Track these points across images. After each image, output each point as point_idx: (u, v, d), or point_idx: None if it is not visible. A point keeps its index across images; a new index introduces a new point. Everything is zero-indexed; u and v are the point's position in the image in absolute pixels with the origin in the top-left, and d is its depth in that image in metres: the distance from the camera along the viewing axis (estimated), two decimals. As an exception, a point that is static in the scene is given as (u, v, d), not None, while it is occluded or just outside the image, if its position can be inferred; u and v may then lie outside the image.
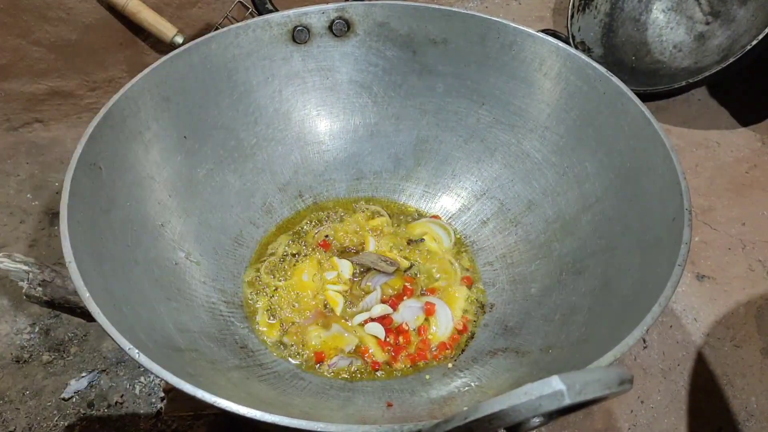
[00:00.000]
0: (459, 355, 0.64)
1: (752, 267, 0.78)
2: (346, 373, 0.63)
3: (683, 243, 0.50)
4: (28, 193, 0.98)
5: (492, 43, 0.74)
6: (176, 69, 0.68)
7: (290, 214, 0.79)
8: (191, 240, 0.68)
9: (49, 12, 0.93)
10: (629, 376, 0.34)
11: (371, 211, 0.79)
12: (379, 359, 0.64)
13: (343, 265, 0.71)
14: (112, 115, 0.61)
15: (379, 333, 0.65)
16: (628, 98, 0.63)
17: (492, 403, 0.32)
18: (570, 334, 0.57)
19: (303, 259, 0.73)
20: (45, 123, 1.06)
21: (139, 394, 0.80)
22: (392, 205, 0.81)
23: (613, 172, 0.64)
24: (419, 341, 0.66)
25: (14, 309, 0.85)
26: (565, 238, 0.67)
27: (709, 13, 1.04)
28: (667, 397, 0.71)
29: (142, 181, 0.64)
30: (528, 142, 0.74)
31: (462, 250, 0.75)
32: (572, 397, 0.31)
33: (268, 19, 0.74)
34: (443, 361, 0.64)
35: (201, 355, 0.55)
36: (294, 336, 0.66)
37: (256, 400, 0.53)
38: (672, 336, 0.74)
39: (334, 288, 0.69)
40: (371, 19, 0.77)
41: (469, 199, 0.78)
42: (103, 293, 0.49)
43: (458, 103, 0.78)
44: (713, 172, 0.90)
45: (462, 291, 0.70)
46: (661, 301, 0.47)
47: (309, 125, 0.81)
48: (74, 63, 1.00)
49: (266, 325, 0.67)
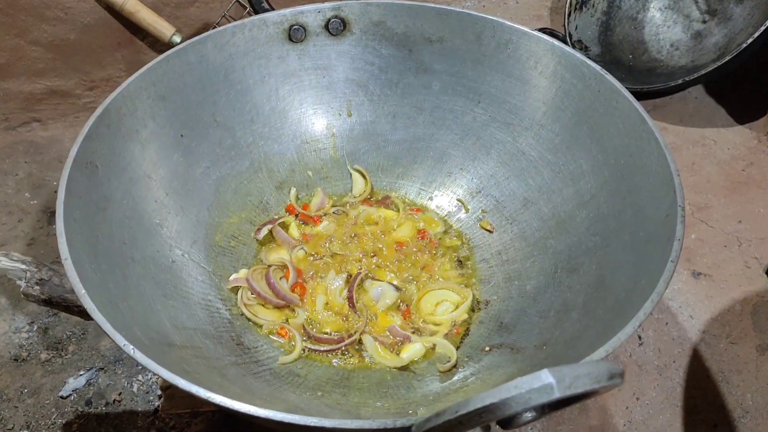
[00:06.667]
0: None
1: (748, 264, 0.78)
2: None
3: (676, 239, 0.50)
4: (27, 192, 0.98)
5: (487, 41, 0.74)
6: (173, 68, 0.69)
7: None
8: (188, 238, 0.68)
9: (47, 11, 0.94)
10: (619, 370, 0.34)
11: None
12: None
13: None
14: (109, 114, 0.62)
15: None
16: (623, 96, 0.64)
17: (482, 396, 0.32)
18: (564, 331, 0.57)
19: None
20: (43, 122, 1.06)
21: (137, 391, 0.80)
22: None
23: (608, 170, 0.64)
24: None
25: (12, 307, 0.86)
26: (560, 235, 0.67)
27: (706, 12, 1.04)
28: (662, 393, 0.72)
29: (138, 179, 0.65)
30: (523, 140, 0.74)
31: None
32: (562, 391, 0.31)
33: (264, 18, 0.74)
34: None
35: (197, 352, 0.56)
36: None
37: (251, 396, 0.53)
38: (668, 333, 0.74)
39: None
40: (367, 17, 0.77)
41: (465, 197, 0.78)
42: (99, 290, 0.49)
43: (454, 102, 0.78)
44: (710, 169, 0.91)
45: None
46: (653, 297, 0.47)
47: (305, 124, 0.81)
48: (72, 62, 1.00)
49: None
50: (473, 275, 0.72)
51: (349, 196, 0.81)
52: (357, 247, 0.74)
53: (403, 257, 0.73)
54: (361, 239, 0.75)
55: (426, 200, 0.80)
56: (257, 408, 0.40)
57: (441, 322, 0.67)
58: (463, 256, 0.74)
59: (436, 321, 0.67)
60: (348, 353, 0.65)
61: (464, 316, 0.67)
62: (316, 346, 0.65)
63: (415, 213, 0.78)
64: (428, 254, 0.74)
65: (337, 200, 0.81)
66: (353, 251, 0.74)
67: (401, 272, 0.72)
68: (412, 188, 0.81)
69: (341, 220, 0.77)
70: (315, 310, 0.68)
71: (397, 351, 0.64)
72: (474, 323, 0.67)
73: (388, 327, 0.66)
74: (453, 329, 0.67)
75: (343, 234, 0.75)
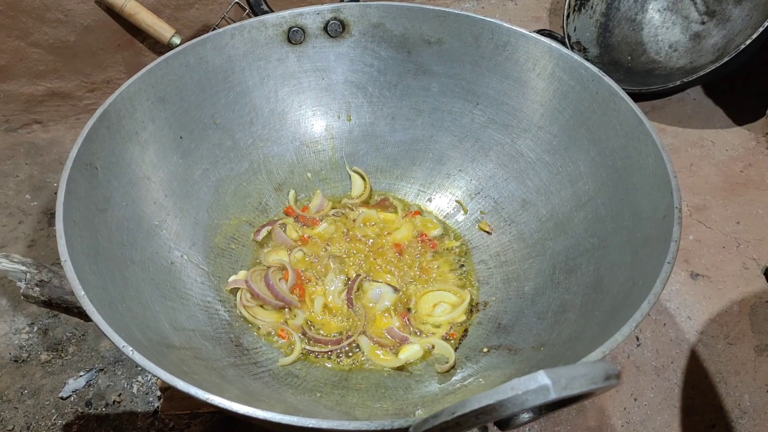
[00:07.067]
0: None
1: (746, 265, 0.78)
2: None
3: (673, 240, 0.50)
4: (27, 194, 0.99)
5: (486, 43, 0.74)
6: (172, 70, 0.69)
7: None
8: (187, 239, 0.68)
9: (48, 14, 0.94)
10: (615, 371, 0.34)
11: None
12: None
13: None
14: (109, 116, 0.62)
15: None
16: (620, 98, 0.64)
17: (479, 398, 0.32)
18: (562, 332, 0.57)
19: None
20: (44, 124, 1.06)
21: (137, 392, 0.80)
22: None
23: (606, 171, 0.65)
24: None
25: (13, 309, 0.86)
26: (558, 237, 0.67)
27: (705, 13, 1.04)
28: (660, 394, 0.72)
29: (138, 181, 0.65)
30: (522, 142, 0.74)
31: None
32: (558, 392, 0.31)
33: (263, 20, 0.75)
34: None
35: (196, 353, 0.56)
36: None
37: (250, 398, 0.53)
38: (666, 334, 0.74)
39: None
40: (366, 19, 0.77)
41: (463, 198, 0.79)
42: (98, 292, 0.49)
43: (453, 103, 0.79)
44: (708, 170, 0.91)
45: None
46: (650, 297, 0.47)
47: (304, 125, 0.81)
48: (73, 64, 1.01)
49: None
50: (472, 276, 0.72)
51: (348, 198, 0.81)
52: (356, 249, 0.74)
53: (401, 259, 0.74)
54: (360, 241, 0.75)
55: (425, 202, 0.81)
56: (255, 409, 0.41)
57: (439, 324, 0.67)
58: (461, 258, 0.74)
59: (435, 322, 0.67)
60: (347, 354, 0.65)
61: (462, 318, 0.68)
62: (315, 348, 0.65)
63: (414, 216, 0.79)
64: (427, 256, 0.74)
65: (336, 202, 0.81)
66: (352, 253, 0.74)
67: (400, 274, 0.72)
68: (411, 190, 0.81)
69: (340, 222, 0.78)
70: (314, 312, 0.68)
71: (395, 352, 0.65)
72: (472, 324, 0.67)
73: (387, 328, 0.66)
74: (451, 330, 0.67)
75: (342, 236, 0.76)
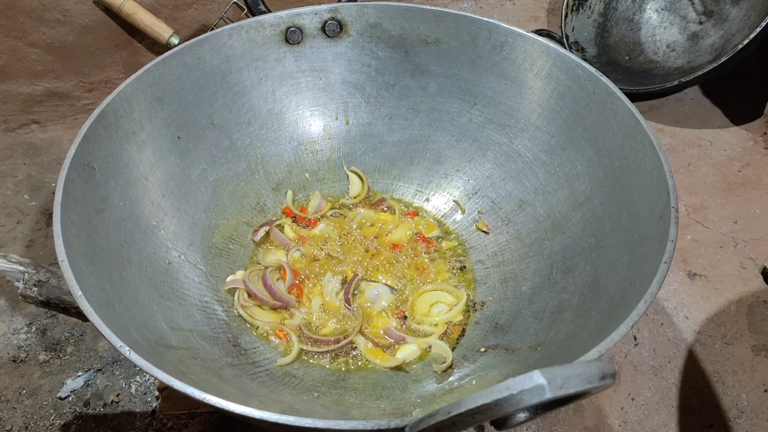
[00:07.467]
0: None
1: (744, 265, 0.78)
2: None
3: (669, 240, 0.51)
4: (26, 194, 0.99)
5: (483, 43, 0.74)
6: (170, 70, 0.69)
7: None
8: (184, 239, 0.68)
9: (46, 14, 0.94)
10: (611, 370, 0.34)
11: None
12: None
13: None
14: (106, 116, 0.62)
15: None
16: (617, 98, 0.64)
17: (475, 397, 0.32)
18: (559, 332, 0.57)
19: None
20: (42, 124, 1.06)
21: (135, 393, 0.80)
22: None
23: (603, 171, 0.65)
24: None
25: (11, 309, 0.86)
26: (555, 237, 0.68)
27: (703, 13, 1.04)
28: (657, 394, 0.72)
29: (135, 181, 0.65)
30: (519, 142, 0.74)
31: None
32: (553, 391, 0.31)
33: (261, 20, 0.75)
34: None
35: (193, 353, 0.56)
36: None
37: (247, 398, 0.53)
38: (663, 333, 0.74)
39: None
40: (364, 19, 0.77)
41: (461, 198, 0.79)
42: (95, 292, 0.49)
43: (450, 103, 0.79)
44: (705, 170, 0.91)
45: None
46: (647, 297, 0.47)
47: (302, 125, 0.81)
48: (71, 64, 1.00)
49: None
50: (469, 276, 0.72)
51: (346, 198, 0.81)
52: (353, 249, 0.74)
53: (399, 259, 0.74)
54: (358, 241, 0.75)
55: (422, 202, 0.81)
56: (252, 409, 0.41)
57: (436, 323, 0.67)
58: (458, 258, 0.74)
59: (432, 322, 0.67)
60: (344, 354, 0.65)
61: (459, 317, 0.68)
62: (312, 348, 0.65)
63: (412, 216, 0.79)
64: (424, 256, 0.74)
65: (334, 202, 0.81)
66: (349, 253, 0.74)
67: (397, 274, 0.72)
68: (409, 190, 0.81)
69: (338, 222, 0.78)
70: (311, 312, 0.68)
71: (393, 352, 0.65)
72: (470, 324, 0.67)
73: (384, 328, 0.66)
74: (447, 330, 0.67)
75: (340, 236, 0.76)
